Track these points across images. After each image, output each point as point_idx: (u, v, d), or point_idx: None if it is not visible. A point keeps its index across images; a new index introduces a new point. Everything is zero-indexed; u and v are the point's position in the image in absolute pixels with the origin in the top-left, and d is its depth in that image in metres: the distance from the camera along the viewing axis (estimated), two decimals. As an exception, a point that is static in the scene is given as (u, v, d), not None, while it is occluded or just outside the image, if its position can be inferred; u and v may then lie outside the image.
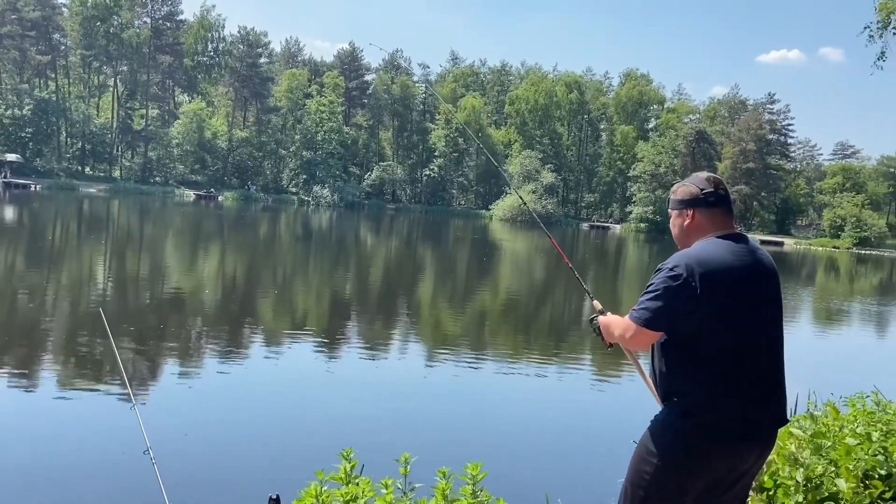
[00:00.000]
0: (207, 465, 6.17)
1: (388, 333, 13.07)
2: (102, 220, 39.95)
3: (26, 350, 9.60)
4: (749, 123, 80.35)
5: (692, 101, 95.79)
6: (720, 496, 2.57)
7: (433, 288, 21.15)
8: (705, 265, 2.48)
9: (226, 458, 6.39)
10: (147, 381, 8.55)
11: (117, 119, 78.52)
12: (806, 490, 3.84)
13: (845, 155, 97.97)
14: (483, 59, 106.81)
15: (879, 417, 4.80)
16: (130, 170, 78.43)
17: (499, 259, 33.66)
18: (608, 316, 2.91)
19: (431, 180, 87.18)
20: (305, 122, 79.56)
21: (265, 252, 28.22)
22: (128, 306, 13.62)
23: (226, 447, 6.63)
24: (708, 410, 2.48)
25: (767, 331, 2.58)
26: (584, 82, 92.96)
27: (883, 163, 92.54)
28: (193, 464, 6.06)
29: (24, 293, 14.04)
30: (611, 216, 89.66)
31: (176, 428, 6.81)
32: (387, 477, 3.25)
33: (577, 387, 9.91)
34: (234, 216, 50.04)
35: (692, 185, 2.71)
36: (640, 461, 2.58)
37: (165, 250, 25.79)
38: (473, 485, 3.22)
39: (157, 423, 6.27)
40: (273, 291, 17.35)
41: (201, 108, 78.44)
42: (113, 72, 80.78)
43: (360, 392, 8.89)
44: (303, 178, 79.15)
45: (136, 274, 18.83)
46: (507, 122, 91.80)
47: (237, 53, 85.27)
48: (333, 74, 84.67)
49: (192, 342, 10.86)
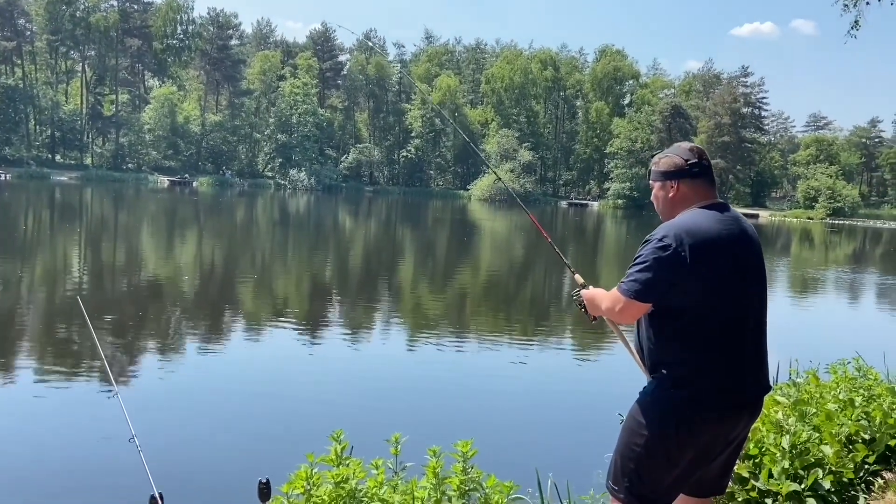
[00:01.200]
0: (195, 451, 6.10)
1: (371, 315, 13.03)
2: (75, 208, 39.30)
3: (4, 341, 9.44)
4: (723, 97, 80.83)
5: (667, 76, 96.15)
6: (710, 464, 2.59)
7: (414, 269, 21.12)
8: (694, 235, 2.46)
9: (213, 443, 6.33)
10: (129, 368, 8.43)
11: (87, 105, 77.05)
12: (792, 456, 3.88)
13: (818, 126, 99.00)
14: (458, 38, 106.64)
15: (861, 383, 4.86)
16: (102, 157, 77.17)
17: (479, 239, 33.69)
18: (591, 289, 2.86)
19: (409, 161, 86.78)
20: (279, 104, 78.65)
21: (243, 238, 27.97)
22: (106, 294, 13.44)
23: (213, 432, 6.56)
24: (697, 381, 2.48)
25: (754, 300, 2.59)
26: (560, 59, 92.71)
27: (855, 133, 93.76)
28: (180, 450, 6.00)
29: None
30: (589, 193, 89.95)
31: (161, 415, 6.72)
32: (378, 457, 3.24)
33: (562, 361, 9.99)
34: (210, 202, 49.47)
35: (676, 156, 2.68)
36: (630, 434, 2.57)
37: (141, 238, 25.46)
38: (464, 462, 3.21)
39: (141, 411, 6.17)
40: (253, 277, 17.22)
41: (172, 93, 77.21)
42: (81, 57, 79.14)
43: (348, 374, 8.85)
44: (278, 162, 78.41)
45: (112, 262, 18.57)
46: (483, 100, 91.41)
47: (207, 36, 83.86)
48: (307, 55, 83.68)
49: (173, 329, 10.74)
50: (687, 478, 2.57)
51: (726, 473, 2.72)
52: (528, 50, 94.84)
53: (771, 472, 3.86)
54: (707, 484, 2.67)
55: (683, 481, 2.57)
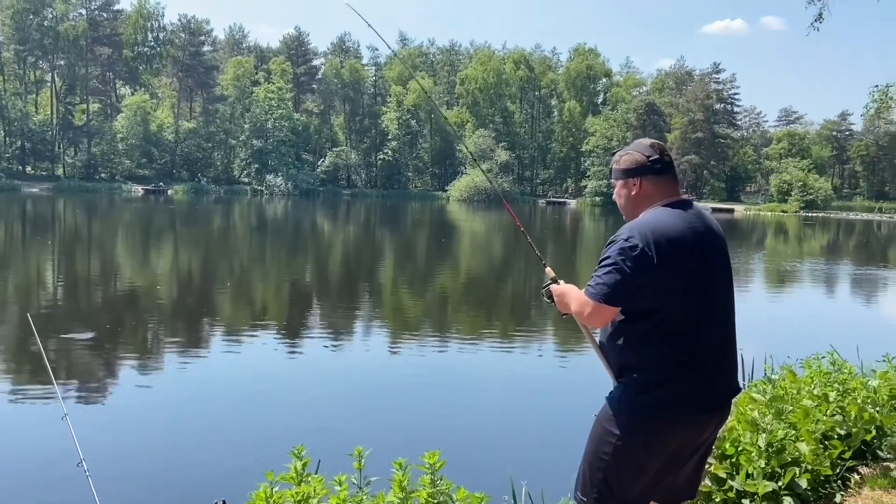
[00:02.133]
0: (148, 473, 5.82)
1: (345, 322, 12.85)
2: (47, 220, 38.64)
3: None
4: (696, 94, 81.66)
5: (640, 74, 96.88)
6: (679, 470, 2.52)
7: (393, 272, 20.98)
8: (660, 234, 2.38)
9: (168, 465, 6.03)
10: (81, 387, 8.01)
11: (57, 115, 75.91)
12: (768, 455, 3.82)
13: (789, 121, 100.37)
14: (432, 40, 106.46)
15: (836, 377, 4.83)
16: (74, 167, 76.07)
17: (458, 239, 33.61)
18: (562, 285, 2.76)
19: (386, 164, 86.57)
20: (254, 110, 78.06)
21: (218, 245, 27.64)
22: (64, 309, 13.07)
23: (168, 453, 6.25)
24: (666, 384, 2.40)
25: (721, 299, 2.51)
26: (533, 59, 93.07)
27: (825, 127, 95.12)
28: (132, 473, 5.73)
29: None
30: (566, 191, 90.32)
31: (112, 436, 6.43)
32: (344, 472, 3.12)
33: (537, 363, 9.89)
34: (185, 210, 48.93)
35: (636, 153, 2.60)
36: (598, 442, 2.49)
37: (114, 249, 25.05)
38: (432, 474, 3.10)
39: (91, 433, 5.98)
40: (226, 286, 16.96)
41: (145, 101, 76.35)
42: (50, 66, 77.97)
43: (314, 384, 8.59)
44: (255, 168, 77.77)
45: (77, 275, 18.22)
46: (458, 102, 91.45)
47: (179, 42, 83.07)
48: (280, 60, 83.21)
49: (134, 344, 10.27)
50: (656, 485, 2.49)
51: (696, 478, 2.64)
52: (501, 50, 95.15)
53: (748, 472, 3.80)
54: (677, 491, 2.59)
55: (653, 489, 2.50)
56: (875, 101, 9.06)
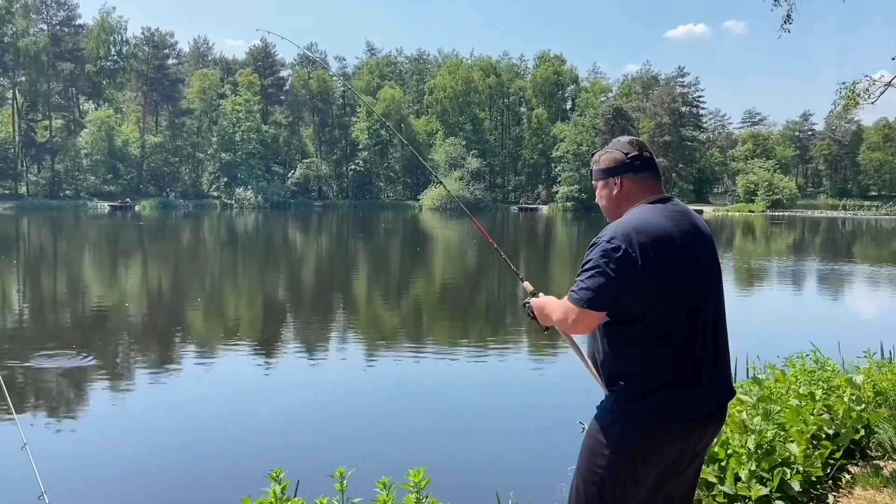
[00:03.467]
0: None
1: (320, 336, 12.60)
2: (11, 239, 37.71)
3: None
4: (662, 98, 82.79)
5: (607, 80, 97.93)
6: (677, 479, 2.42)
7: (367, 284, 20.78)
8: (644, 233, 2.28)
9: (136, 496, 5.66)
10: (43, 414, 7.61)
11: (19, 132, 74.37)
12: (758, 457, 3.75)
13: (753, 122, 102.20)
14: (399, 49, 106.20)
15: (820, 375, 4.80)
16: (38, 184, 74.60)
17: (431, 249, 33.49)
18: (541, 297, 2.66)
19: (357, 174, 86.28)
20: (221, 122, 77.32)
21: (188, 261, 27.18)
22: (28, 331, 12.64)
23: (136, 483, 5.86)
24: (659, 390, 2.29)
25: (711, 298, 2.41)
26: (501, 66, 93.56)
27: (788, 127, 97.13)
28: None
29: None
30: (538, 198, 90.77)
31: (77, 465, 6.08)
32: (326, 494, 2.97)
33: (518, 371, 9.77)
34: (154, 225, 48.14)
35: (616, 151, 2.51)
36: (591, 454, 2.37)
37: (79, 267, 24.48)
38: (417, 493, 2.97)
39: (53, 463, 5.60)
40: (195, 302, 16.63)
41: (109, 115, 75.24)
42: (11, 83, 76.39)
43: (290, 402, 8.30)
44: (223, 181, 76.98)
45: (43, 295, 17.74)
46: (427, 111, 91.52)
47: (143, 56, 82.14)
48: (247, 72, 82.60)
49: (99, 367, 9.67)
50: (654, 497, 2.38)
51: (693, 487, 2.54)
52: (469, 58, 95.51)
53: (737, 475, 3.72)
54: (676, 501, 2.48)
55: (651, 501, 2.38)
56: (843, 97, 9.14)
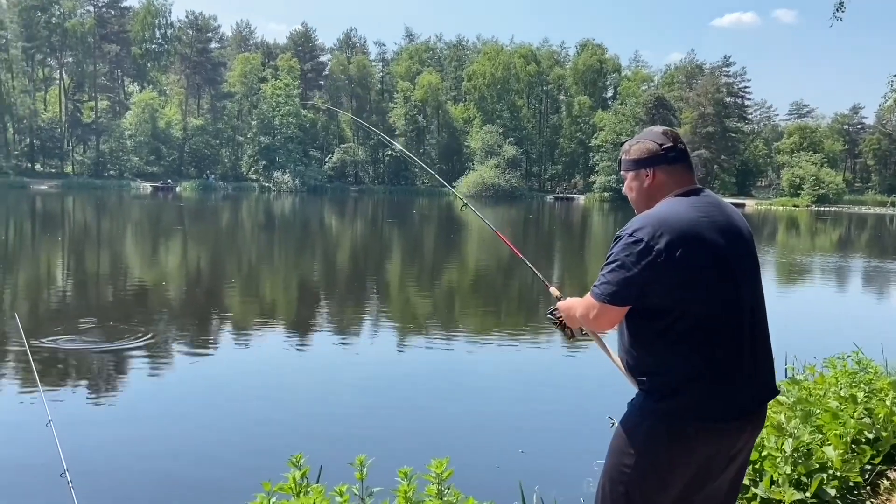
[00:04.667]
0: (136, 485, 5.43)
1: (351, 321, 12.64)
2: (56, 217, 38.68)
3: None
4: (706, 87, 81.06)
5: (649, 69, 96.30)
6: (712, 484, 2.30)
7: (400, 269, 20.82)
8: (669, 226, 2.19)
9: (158, 476, 5.65)
10: (69, 391, 7.65)
11: (66, 112, 76.12)
12: (794, 460, 3.62)
13: (801, 114, 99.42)
14: (439, 34, 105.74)
15: (861, 378, 4.63)
16: (83, 164, 76.29)
17: (465, 236, 33.42)
18: (567, 300, 2.59)
19: (393, 160, 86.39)
20: (261, 106, 78.08)
21: (227, 242, 27.55)
22: (67, 307, 12.81)
23: (159, 463, 5.88)
24: (688, 388, 2.19)
25: (746, 293, 2.29)
26: (541, 54, 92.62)
27: (837, 120, 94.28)
28: (119, 485, 5.36)
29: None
30: (574, 187, 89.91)
31: (100, 442, 6.08)
32: (346, 482, 2.94)
33: (549, 364, 9.65)
34: (194, 206, 48.93)
35: (649, 142, 2.41)
36: (619, 454, 2.28)
37: (121, 246, 24.99)
38: (439, 484, 2.92)
39: (77, 441, 5.65)
40: (231, 283, 16.83)
41: (153, 98, 76.50)
42: (58, 64, 78.17)
43: (317, 386, 8.27)
44: (262, 165, 77.85)
45: (85, 272, 18.14)
46: (465, 98, 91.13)
47: (186, 39, 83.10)
48: (287, 57, 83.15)
49: (128, 346, 9.68)
50: (686, 501, 2.28)
51: (733, 494, 2.40)
52: (509, 45, 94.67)
53: (773, 478, 3.60)
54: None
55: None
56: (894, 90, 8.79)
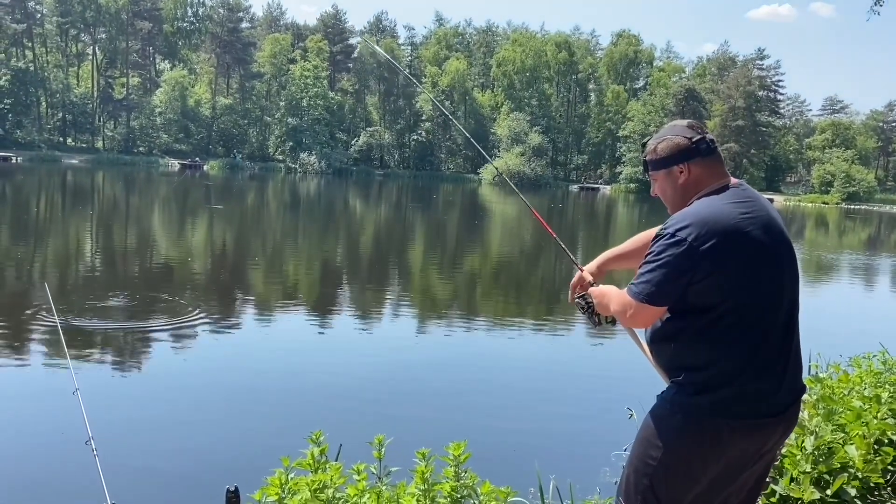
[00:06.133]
0: (159, 455, 5.57)
1: (373, 303, 12.73)
2: (87, 191, 39.29)
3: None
4: (738, 80, 79.72)
5: (681, 59, 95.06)
6: (738, 481, 2.28)
7: (423, 253, 20.87)
8: (712, 225, 2.14)
9: (181, 447, 5.79)
10: (96, 361, 7.79)
11: (97, 88, 77.04)
12: (814, 458, 3.59)
13: (834, 110, 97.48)
14: (468, 20, 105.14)
15: (887, 378, 4.56)
16: (113, 140, 77.26)
17: (489, 222, 33.38)
18: (601, 287, 2.54)
19: (419, 145, 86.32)
20: (290, 87, 78.27)
21: (253, 221, 27.80)
22: (97, 280, 13.06)
23: (182, 435, 6.00)
24: (723, 386, 2.16)
25: (786, 291, 2.25)
26: (574, 42, 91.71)
27: (871, 117, 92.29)
28: (143, 454, 5.50)
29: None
30: (600, 177, 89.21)
31: (124, 414, 6.20)
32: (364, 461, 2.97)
33: (569, 352, 9.63)
34: (221, 185, 49.38)
35: (677, 137, 2.35)
36: (646, 445, 2.26)
37: (149, 222, 25.33)
38: (456, 466, 2.94)
39: (103, 410, 5.77)
40: (258, 262, 17.00)
41: (183, 76, 77.02)
42: (91, 39, 79.03)
43: (338, 366, 8.35)
44: (289, 146, 78.14)
45: (113, 246, 18.42)
46: (494, 84, 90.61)
47: (217, 18, 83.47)
48: (317, 38, 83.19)
49: (154, 318, 9.88)
50: (711, 497, 2.25)
51: (757, 491, 2.38)
52: (539, 33, 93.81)
53: (793, 476, 3.57)
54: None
55: (707, 502, 2.27)
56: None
